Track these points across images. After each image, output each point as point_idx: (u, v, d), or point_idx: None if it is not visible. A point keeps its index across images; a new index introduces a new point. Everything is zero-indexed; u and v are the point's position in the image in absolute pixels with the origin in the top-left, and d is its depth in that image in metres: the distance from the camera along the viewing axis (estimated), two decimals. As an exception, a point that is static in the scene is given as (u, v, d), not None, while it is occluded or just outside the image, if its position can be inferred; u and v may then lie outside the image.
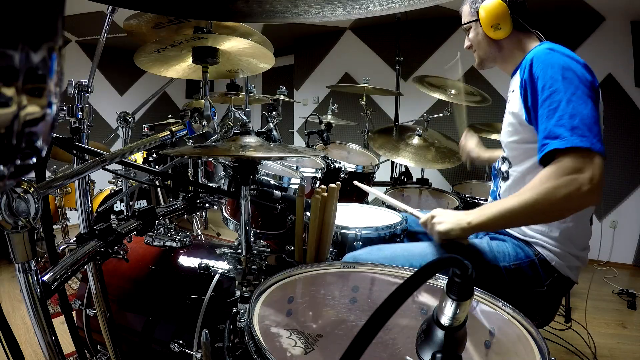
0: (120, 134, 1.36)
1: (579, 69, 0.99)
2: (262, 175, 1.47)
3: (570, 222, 1.08)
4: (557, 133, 0.94)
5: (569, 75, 0.97)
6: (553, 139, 0.94)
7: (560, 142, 0.92)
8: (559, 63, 0.99)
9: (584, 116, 0.93)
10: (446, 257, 0.41)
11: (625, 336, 2.25)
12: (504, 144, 1.20)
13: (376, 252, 1.12)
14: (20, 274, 0.72)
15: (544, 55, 1.02)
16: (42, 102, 0.22)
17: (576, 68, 0.99)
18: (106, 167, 0.92)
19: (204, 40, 1.14)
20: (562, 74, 0.97)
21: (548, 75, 0.98)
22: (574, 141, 0.91)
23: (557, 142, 0.93)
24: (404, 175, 2.71)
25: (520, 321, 0.69)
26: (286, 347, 0.65)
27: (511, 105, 1.14)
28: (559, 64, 0.99)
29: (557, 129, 0.94)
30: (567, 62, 0.99)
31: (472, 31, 1.25)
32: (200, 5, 0.56)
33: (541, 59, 1.01)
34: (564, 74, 0.97)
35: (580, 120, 0.92)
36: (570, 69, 0.98)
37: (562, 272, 1.09)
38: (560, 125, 0.94)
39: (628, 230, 3.46)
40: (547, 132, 0.96)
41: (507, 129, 1.15)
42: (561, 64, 0.98)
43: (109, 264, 1.39)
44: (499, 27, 1.15)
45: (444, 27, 3.97)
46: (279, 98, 2.27)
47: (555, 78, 0.97)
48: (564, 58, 1.00)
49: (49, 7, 0.21)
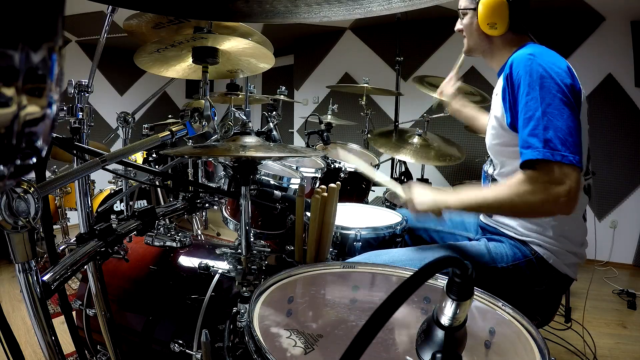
0: (120, 134, 1.36)
1: (558, 75, 0.98)
2: (262, 175, 1.47)
3: (563, 219, 1.08)
4: (529, 143, 0.95)
5: (547, 83, 0.97)
6: (526, 148, 0.96)
7: (532, 153, 0.94)
8: (538, 70, 0.98)
9: (557, 128, 0.94)
10: (446, 257, 0.41)
11: (625, 336, 2.25)
12: (488, 147, 1.20)
13: (374, 259, 1.12)
14: (20, 274, 0.72)
15: (524, 61, 1.01)
16: (42, 102, 0.22)
17: (555, 75, 0.98)
18: (106, 167, 0.91)
19: (204, 40, 1.14)
20: (540, 83, 0.97)
21: (526, 83, 0.99)
22: (545, 154, 0.93)
23: (529, 152, 0.95)
24: (404, 175, 2.72)
25: (520, 321, 0.69)
26: (286, 347, 0.65)
27: (494, 108, 1.15)
28: (537, 71, 0.98)
29: (530, 139, 0.96)
30: (546, 69, 0.99)
31: (467, 18, 1.23)
32: (200, 5, 0.56)
33: (521, 64, 1.01)
34: (542, 83, 0.97)
35: (554, 133, 0.93)
36: (549, 77, 0.98)
37: (560, 270, 1.09)
38: (533, 136, 0.95)
39: (628, 230, 3.46)
40: (522, 140, 0.98)
41: (491, 132, 1.16)
42: (540, 72, 0.98)
43: (109, 264, 1.39)
44: (494, 26, 1.14)
45: (444, 27, 3.97)
46: (279, 98, 2.27)
47: (532, 86, 0.98)
48: (543, 65, 0.99)
49: (49, 7, 0.21)
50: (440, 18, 3.91)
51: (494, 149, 1.17)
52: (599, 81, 3.38)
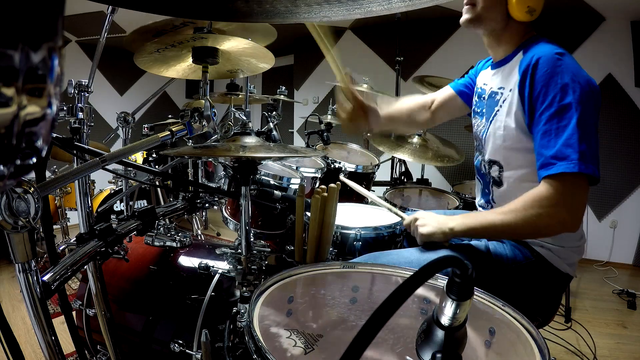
0: (120, 134, 1.36)
1: (587, 80, 0.94)
2: (262, 175, 1.47)
3: None
4: (565, 154, 0.90)
5: (578, 89, 0.92)
6: (561, 159, 0.90)
7: (568, 166, 0.89)
8: (570, 73, 0.93)
9: (590, 141, 0.90)
10: (446, 257, 0.41)
11: (625, 336, 2.25)
12: (494, 148, 1.13)
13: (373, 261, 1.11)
14: (20, 274, 0.72)
15: (554, 61, 0.95)
16: (42, 102, 0.22)
17: (585, 80, 0.94)
18: (106, 167, 0.91)
19: (204, 40, 1.14)
20: (572, 88, 0.92)
21: (559, 87, 0.92)
22: (581, 167, 0.89)
23: (564, 164, 0.90)
24: (404, 175, 2.72)
25: (520, 321, 0.69)
26: (286, 347, 0.65)
27: (508, 105, 1.06)
28: (570, 74, 0.93)
29: (565, 150, 0.90)
30: (575, 72, 0.93)
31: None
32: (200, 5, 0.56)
33: (550, 64, 0.94)
34: (574, 87, 0.92)
35: (588, 146, 0.90)
36: (579, 83, 0.93)
37: (561, 269, 1.09)
38: (568, 146, 0.90)
39: (628, 230, 3.46)
40: (554, 150, 0.91)
41: (501, 132, 1.08)
42: (572, 75, 0.93)
43: (109, 264, 1.39)
44: (533, 12, 1.03)
45: (444, 27, 3.97)
46: (279, 98, 2.27)
47: (565, 90, 0.92)
48: (572, 67, 0.94)
49: (49, 7, 0.21)
50: (440, 18, 3.91)
51: (504, 152, 1.09)
52: (599, 81, 3.38)
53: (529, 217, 0.94)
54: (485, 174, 1.21)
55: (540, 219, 0.93)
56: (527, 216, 0.94)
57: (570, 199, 0.92)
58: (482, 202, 1.26)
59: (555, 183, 0.92)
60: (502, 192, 1.14)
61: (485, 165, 1.19)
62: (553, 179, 0.92)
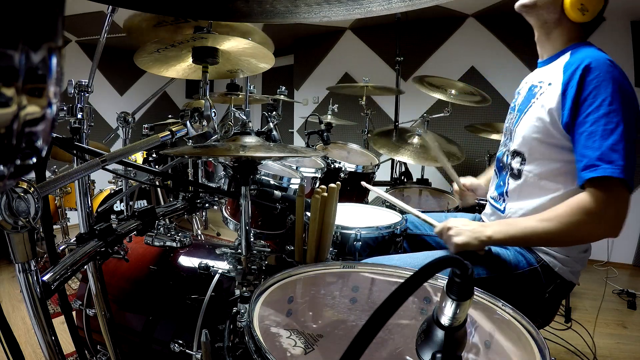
0: (120, 134, 1.36)
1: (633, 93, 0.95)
2: (262, 175, 1.47)
3: None
4: (612, 158, 0.88)
5: (627, 100, 0.93)
6: (607, 163, 0.88)
7: (614, 171, 0.88)
8: (620, 81, 0.94)
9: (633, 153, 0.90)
10: (446, 257, 0.41)
11: (625, 336, 2.25)
12: (521, 137, 1.10)
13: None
14: (20, 274, 0.72)
15: (606, 67, 0.95)
16: (42, 102, 0.22)
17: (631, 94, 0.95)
18: (106, 167, 0.91)
19: (204, 40, 1.14)
20: (621, 95, 0.92)
21: (609, 91, 0.92)
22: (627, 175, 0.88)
23: (610, 168, 0.88)
24: (404, 175, 2.72)
25: (520, 321, 0.69)
26: (286, 347, 0.65)
27: (546, 99, 1.04)
28: (620, 83, 0.94)
29: (613, 154, 0.88)
30: (625, 83, 0.95)
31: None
32: (200, 5, 0.56)
33: (603, 68, 0.95)
34: (623, 98, 0.92)
35: (632, 156, 0.89)
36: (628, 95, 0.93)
37: (565, 277, 1.07)
38: (615, 151, 0.89)
39: (628, 230, 3.45)
40: (600, 152, 0.90)
41: (533, 123, 1.06)
42: (621, 84, 0.94)
43: (109, 264, 1.39)
44: (585, 11, 1.03)
45: (444, 27, 3.97)
46: (279, 98, 2.27)
47: (615, 97, 0.92)
48: (622, 77, 0.95)
49: (49, 7, 0.21)
50: (440, 18, 3.91)
51: (532, 143, 1.07)
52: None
53: (573, 224, 0.92)
54: (505, 165, 1.19)
55: (585, 227, 0.91)
56: (571, 223, 0.92)
57: (615, 207, 0.90)
58: (495, 195, 1.23)
59: (600, 189, 0.90)
60: (517, 186, 1.12)
61: (508, 155, 1.17)
62: (597, 184, 0.90)
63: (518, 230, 1.00)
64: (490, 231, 1.02)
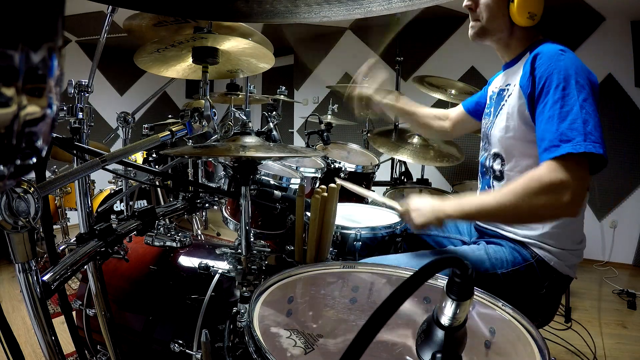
0: (120, 134, 1.36)
1: (588, 73, 0.98)
2: (262, 175, 1.47)
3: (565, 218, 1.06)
4: (569, 136, 0.91)
5: (581, 80, 0.96)
6: (566, 142, 0.91)
7: (574, 147, 0.90)
8: (573, 65, 0.97)
9: (595, 123, 0.92)
10: (446, 257, 0.41)
11: (625, 336, 2.25)
12: (497, 139, 1.16)
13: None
14: (20, 274, 0.72)
15: (556, 55, 1.00)
16: (42, 102, 0.22)
17: (586, 73, 0.98)
18: (106, 167, 0.91)
19: (204, 40, 1.14)
20: (575, 78, 0.96)
21: (562, 77, 0.96)
22: (588, 147, 0.89)
23: (569, 145, 0.90)
24: (404, 175, 2.72)
25: (520, 321, 0.69)
26: (286, 347, 0.65)
27: (513, 99, 1.09)
28: (573, 66, 0.97)
29: (570, 132, 0.91)
30: (578, 66, 0.98)
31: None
32: (200, 5, 0.56)
33: (553, 58, 0.99)
34: (577, 78, 0.96)
35: (593, 127, 0.91)
36: (582, 74, 0.97)
37: (561, 271, 1.08)
38: (573, 129, 0.91)
39: (628, 230, 3.46)
40: (558, 133, 0.93)
41: (506, 124, 1.11)
42: (574, 67, 0.97)
43: (109, 264, 1.39)
44: (534, 17, 1.08)
45: (444, 27, 3.97)
46: (279, 98, 2.27)
47: (568, 80, 0.96)
48: (576, 62, 0.99)
49: (49, 7, 0.21)
50: (440, 18, 3.91)
51: (507, 143, 1.12)
52: (599, 81, 3.39)
53: (528, 195, 0.91)
54: (488, 169, 1.22)
55: (540, 201, 0.91)
56: (526, 195, 0.92)
57: (574, 182, 0.90)
58: None
59: (558, 164, 0.92)
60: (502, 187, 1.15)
61: (490, 158, 1.21)
62: (556, 160, 0.92)
63: (473, 206, 1.02)
64: (448, 209, 1.04)
